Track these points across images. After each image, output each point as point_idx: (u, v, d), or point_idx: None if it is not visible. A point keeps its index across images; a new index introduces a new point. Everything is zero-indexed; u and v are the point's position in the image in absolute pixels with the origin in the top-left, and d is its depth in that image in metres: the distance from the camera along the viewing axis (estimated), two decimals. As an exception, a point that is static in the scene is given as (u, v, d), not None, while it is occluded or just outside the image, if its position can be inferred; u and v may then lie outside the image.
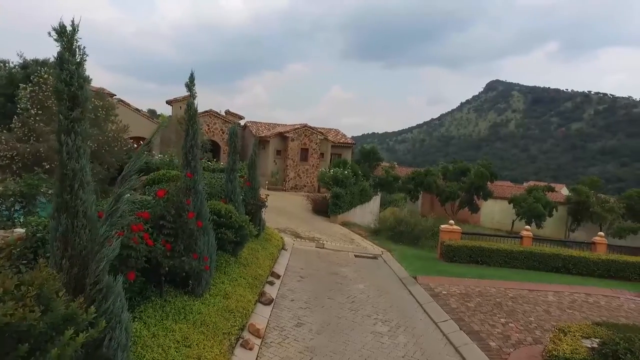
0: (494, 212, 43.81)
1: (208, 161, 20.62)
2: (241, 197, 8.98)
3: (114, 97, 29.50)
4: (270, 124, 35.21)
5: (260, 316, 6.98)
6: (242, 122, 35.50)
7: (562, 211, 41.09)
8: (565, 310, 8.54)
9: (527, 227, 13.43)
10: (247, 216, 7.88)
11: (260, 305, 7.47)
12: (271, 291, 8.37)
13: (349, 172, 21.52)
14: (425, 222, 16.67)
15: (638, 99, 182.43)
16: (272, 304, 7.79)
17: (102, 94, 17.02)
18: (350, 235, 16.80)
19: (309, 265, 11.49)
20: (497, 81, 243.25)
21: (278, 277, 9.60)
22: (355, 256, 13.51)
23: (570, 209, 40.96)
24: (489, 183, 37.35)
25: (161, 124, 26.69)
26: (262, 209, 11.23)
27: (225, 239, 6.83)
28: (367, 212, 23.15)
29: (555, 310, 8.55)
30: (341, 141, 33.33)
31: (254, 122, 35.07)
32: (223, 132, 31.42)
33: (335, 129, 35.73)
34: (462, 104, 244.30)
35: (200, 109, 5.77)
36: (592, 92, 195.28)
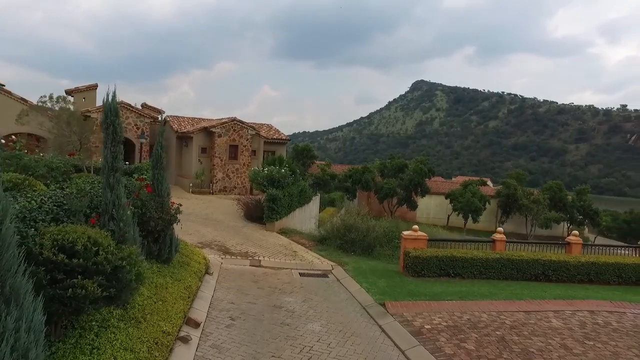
0: (430, 207, 43.59)
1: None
2: (130, 211, 5.77)
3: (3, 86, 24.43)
4: (195, 118, 31.11)
5: None
6: (162, 117, 31.14)
7: (493, 204, 41.95)
8: (585, 343, 6.56)
9: (500, 229, 11.64)
10: (134, 247, 4.67)
11: (160, 394, 4.44)
12: (184, 358, 5.33)
13: (286, 171, 18.67)
14: (379, 225, 14.35)
15: (542, 100, 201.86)
16: (183, 385, 4.79)
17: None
18: (291, 246, 14.02)
19: (242, 295, 8.54)
20: (422, 81, 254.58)
21: (197, 325, 6.54)
22: (301, 275, 10.79)
23: (500, 202, 41.96)
24: (426, 179, 36.65)
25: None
26: (174, 224, 8.05)
27: (83, 297, 3.66)
28: (308, 216, 20.50)
29: (573, 342, 6.53)
30: (275, 137, 30.26)
31: (176, 116, 30.74)
32: (138, 128, 26.89)
33: (268, 125, 32.57)
34: (389, 102, 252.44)
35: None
36: (505, 93, 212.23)
